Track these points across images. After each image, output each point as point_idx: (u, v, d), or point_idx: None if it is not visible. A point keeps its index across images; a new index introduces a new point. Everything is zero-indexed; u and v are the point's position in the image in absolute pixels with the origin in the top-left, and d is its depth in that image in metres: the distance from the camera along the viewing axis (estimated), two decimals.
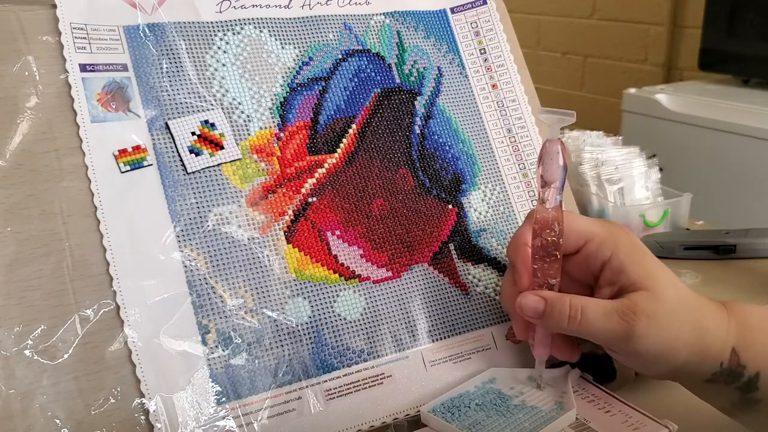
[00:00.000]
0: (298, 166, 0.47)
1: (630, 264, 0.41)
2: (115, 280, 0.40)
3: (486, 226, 0.51)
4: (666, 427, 0.40)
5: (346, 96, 0.50)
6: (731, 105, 1.36)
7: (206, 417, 0.40)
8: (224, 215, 0.44)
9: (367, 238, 0.47)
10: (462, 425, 0.41)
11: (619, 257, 0.41)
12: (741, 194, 1.30)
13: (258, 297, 0.43)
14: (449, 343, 0.47)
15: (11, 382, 0.37)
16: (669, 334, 0.40)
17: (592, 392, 0.45)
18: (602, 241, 0.42)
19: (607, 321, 0.40)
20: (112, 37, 0.45)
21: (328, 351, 0.44)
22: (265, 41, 0.49)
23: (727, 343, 0.41)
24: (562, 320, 0.40)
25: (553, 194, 0.41)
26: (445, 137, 0.52)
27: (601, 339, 0.41)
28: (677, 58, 1.86)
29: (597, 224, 0.43)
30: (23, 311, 0.38)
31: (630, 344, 0.40)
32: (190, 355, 0.41)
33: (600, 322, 0.40)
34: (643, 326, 0.39)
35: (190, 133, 0.45)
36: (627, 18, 1.96)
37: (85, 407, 0.38)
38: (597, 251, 0.42)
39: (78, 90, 0.43)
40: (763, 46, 1.41)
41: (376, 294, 0.46)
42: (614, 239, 0.42)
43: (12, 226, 0.39)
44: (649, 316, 0.39)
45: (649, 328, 0.39)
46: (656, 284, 0.40)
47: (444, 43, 0.55)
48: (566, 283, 0.43)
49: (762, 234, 0.71)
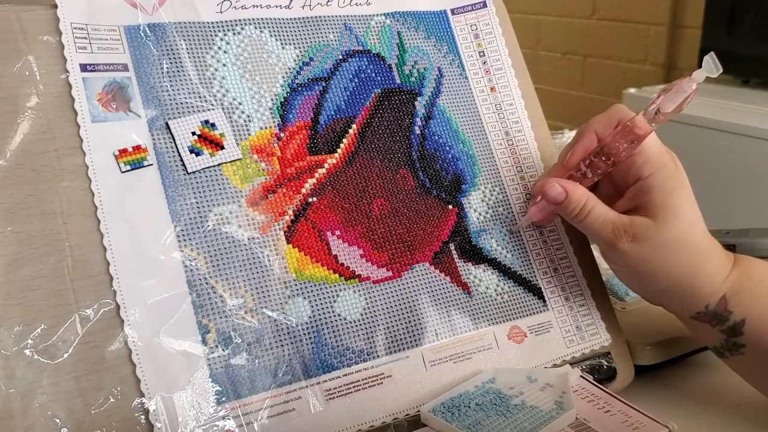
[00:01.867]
0: (299, 166, 0.47)
1: (658, 191, 0.44)
2: (115, 279, 0.40)
3: (486, 226, 0.51)
4: (666, 427, 0.41)
5: (346, 96, 0.50)
6: (731, 105, 1.36)
7: (206, 417, 0.40)
8: (224, 215, 0.44)
9: (367, 238, 0.47)
10: (462, 425, 0.41)
11: (654, 181, 0.44)
12: (741, 194, 1.31)
13: (258, 297, 0.43)
14: (449, 343, 0.47)
15: (11, 382, 0.37)
16: (653, 262, 0.44)
17: (592, 392, 0.45)
18: (648, 160, 0.44)
19: (601, 226, 0.45)
20: (112, 37, 0.45)
21: (328, 351, 0.44)
22: (266, 41, 0.49)
23: (720, 289, 0.45)
24: (573, 213, 0.46)
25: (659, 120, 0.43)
26: (446, 138, 0.52)
27: (593, 239, 0.47)
28: (677, 58, 1.86)
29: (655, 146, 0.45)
30: (23, 311, 0.38)
31: (612, 254, 0.46)
32: (190, 354, 0.41)
33: (596, 224, 0.45)
34: (626, 245, 0.44)
35: (191, 133, 0.45)
36: (627, 18, 1.96)
37: (85, 407, 0.38)
38: (640, 168, 0.45)
39: (78, 90, 0.43)
40: (763, 46, 1.41)
41: (376, 294, 0.46)
42: (660, 163, 0.44)
43: (12, 226, 0.39)
44: (638, 239, 0.44)
45: (632, 250, 0.44)
46: (666, 218, 0.43)
47: (444, 44, 0.55)
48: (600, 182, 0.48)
49: (762, 234, 0.71)
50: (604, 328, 0.51)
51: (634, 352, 0.52)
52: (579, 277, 0.52)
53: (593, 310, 0.51)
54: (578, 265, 0.52)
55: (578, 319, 0.51)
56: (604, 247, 0.46)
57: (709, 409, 0.45)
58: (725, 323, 0.45)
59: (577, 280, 0.52)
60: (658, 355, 0.53)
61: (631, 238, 0.44)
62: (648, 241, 0.44)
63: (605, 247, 0.46)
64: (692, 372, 0.54)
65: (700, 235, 0.45)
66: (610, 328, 0.51)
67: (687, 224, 0.44)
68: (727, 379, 0.52)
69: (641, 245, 0.44)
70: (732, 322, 0.44)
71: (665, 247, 0.44)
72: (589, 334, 0.50)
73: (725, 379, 0.52)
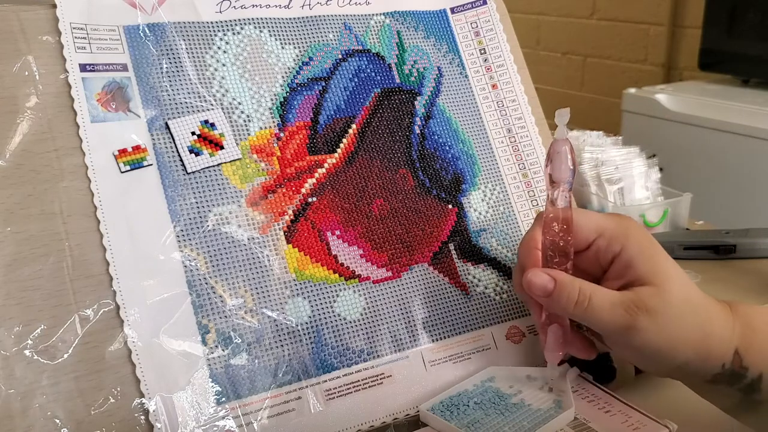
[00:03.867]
0: (298, 166, 0.47)
1: (639, 259, 0.41)
2: (115, 280, 0.40)
3: (486, 226, 0.51)
4: (666, 426, 0.41)
5: (346, 96, 0.50)
6: (731, 105, 1.36)
7: (206, 417, 0.40)
8: (224, 215, 0.44)
9: (367, 238, 0.47)
10: (461, 423, 0.41)
11: (629, 252, 0.41)
12: (741, 194, 1.30)
13: (258, 297, 0.43)
14: (449, 343, 0.47)
15: (11, 382, 0.37)
16: (671, 332, 0.40)
17: (592, 392, 0.45)
18: (613, 236, 0.42)
19: (611, 311, 0.40)
20: (112, 37, 0.45)
21: (328, 351, 0.44)
22: (265, 41, 0.49)
23: (731, 344, 0.41)
24: (570, 303, 0.40)
25: (563, 194, 0.41)
26: (445, 137, 0.52)
27: (603, 328, 0.41)
28: (677, 58, 1.86)
29: (608, 219, 0.43)
30: (23, 311, 0.38)
31: (630, 337, 0.40)
32: (190, 355, 0.41)
33: (605, 311, 0.40)
34: (645, 321, 0.39)
35: (190, 132, 0.45)
36: (627, 18, 1.96)
37: (85, 407, 0.38)
38: (608, 246, 0.42)
39: (78, 90, 0.43)
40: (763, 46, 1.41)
41: (376, 294, 0.46)
42: (626, 233, 0.42)
43: (12, 226, 0.39)
44: (653, 311, 0.39)
45: (651, 324, 0.39)
46: (664, 281, 0.40)
47: (444, 43, 0.55)
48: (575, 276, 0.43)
49: (762, 234, 0.71)
50: None
51: None
52: None
53: None
54: None
55: None
56: (619, 336, 0.40)
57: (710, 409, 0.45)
58: (742, 381, 0.41)
59: None
60: None
61: (646, 313, 0.39)
62: (661, 309, 0.39)
63: (620, 332, 0.40)
64: None
65: (696, 291, 0.41)
66: None
67: (684, 283, 0.41)
68: None
69: (656, 317, 0.39)
70: (749, 379, 0.41)
71: (678, 310, 0.40)
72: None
73: None
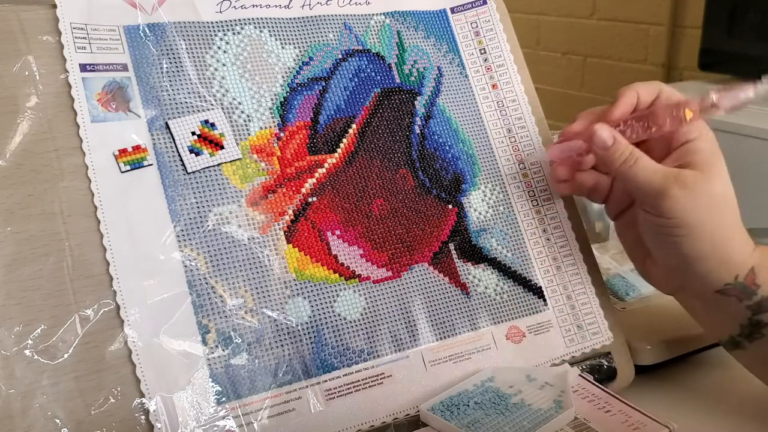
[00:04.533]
0: (298, 166, 0.47)
1: (704, 152, 0.45)
2: (115, 280, 0.40)
3: (486, 226, 0.51)
4: (666, 427, 0.41)
5: (346, 96, 0.50)
6: None
7: (206, 417, 0.40)
8: (224, 215, 0.44)
9: (367, 238, 0.47)
10: (461, 423, 0.41)
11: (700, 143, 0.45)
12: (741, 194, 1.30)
13: (258, 297, 0.43)
14: (449, 343, 0.47)
15: (11, 382, 0.37)
16: (698, 215, 0.43)
17: (592, 392, 0.45)
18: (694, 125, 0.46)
19: (651, 174, 0.44)
20: (112, 37, 0.45)
21: (328, 351, 0.44)
22: (265, 41, 0.49)
23: (749, 260, 0.44)
24: (620, 159, 0.45)
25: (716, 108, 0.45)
26: (445, 137, 0.52)
27: (639, 187, 0.45)
28: (677, 58, 1.86)
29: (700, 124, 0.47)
30: (23, 311, 0.38)
31: (660, 202, 0.43)
32: (190, 354, 0.41)
33: (646, 172, 0.44)
34: (678, 191, 0.43)
35: (190, 132, 0.45)
36: (627, 18, 1.96)
37: (85, 407, 0.38)
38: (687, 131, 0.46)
39: (78, 90, 0.43)
40: (763, 46, 1.41)
41: (376, 294, 0.46)
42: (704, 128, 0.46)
43: (12, 226, 0.39)
44: (689, 187, 0.43)
45: (683, 196, 0.43)
46: (711, 174, 0.44)
47: (444, 43, 0.55)
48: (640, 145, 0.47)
49: (762, 234, 0.71)
50: (607, 327, 0.51)
51: (634, 351, 0.52)
52: (583, 274, 0.52)
53: (596, 309, 0.51)
54: (582, 262, 0.52)
55: (580, 317, 0.51)
56: (650, 197, 0.44)
57: (710, 409, 0.45)
58: (752, 298, 0.44)
59: (580, 277, 0.52)
60: (658, 355, 0.53)
61: (681, 186, 0.43)
62: (697, 190, 0.43)
63: (653, 194, 0.44)
64: (693, 372, 0.54)
65: (734, 201, 0.45)
66: (612, 327, 0.51)
67: (728, 186, 0.45)
68: (728, 379, 0.52)
69: (691, 193, 0.43)
70: (759, 297, 0.44)
71: (712, 199, 0.44)
72: (591, 332, 0.50)
73: (726, 379, 0.52)
